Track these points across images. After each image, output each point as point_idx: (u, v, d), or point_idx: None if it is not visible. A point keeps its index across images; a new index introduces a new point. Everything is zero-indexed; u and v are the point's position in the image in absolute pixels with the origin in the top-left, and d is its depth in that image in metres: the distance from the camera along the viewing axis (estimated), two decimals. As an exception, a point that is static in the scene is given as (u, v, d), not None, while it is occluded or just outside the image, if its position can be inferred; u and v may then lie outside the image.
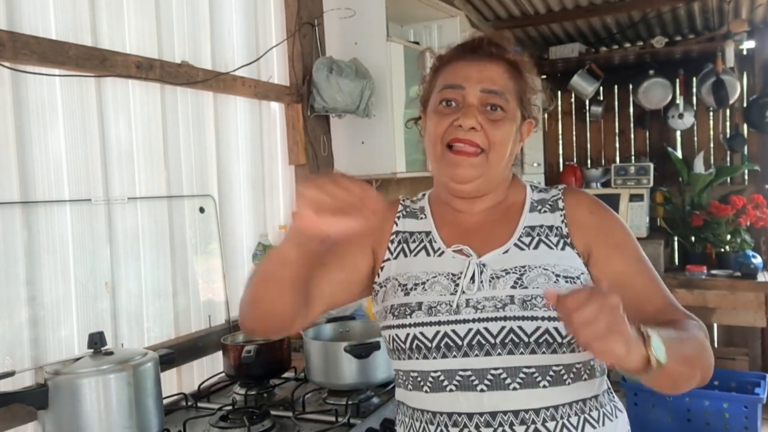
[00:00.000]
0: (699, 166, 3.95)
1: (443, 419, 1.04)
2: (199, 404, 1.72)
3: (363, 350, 1.63)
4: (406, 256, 1.14)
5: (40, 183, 1.60)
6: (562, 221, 1.11)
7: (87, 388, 1.33)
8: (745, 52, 4.00)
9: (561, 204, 1.13)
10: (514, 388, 1.01)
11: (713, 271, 3.65)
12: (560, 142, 4.69)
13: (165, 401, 1.58)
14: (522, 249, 1.09)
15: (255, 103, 2.34)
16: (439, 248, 1.12)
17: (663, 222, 4.07)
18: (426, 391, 1.06)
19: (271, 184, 2.42)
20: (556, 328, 1.00)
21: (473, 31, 1.17)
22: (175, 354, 1.61)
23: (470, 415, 1.02)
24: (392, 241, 1.16)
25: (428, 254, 1.12)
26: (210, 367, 2.03)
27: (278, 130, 2.46)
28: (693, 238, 3.96)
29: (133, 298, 1.83)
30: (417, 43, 3.02)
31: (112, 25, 1.78)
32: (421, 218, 1.18)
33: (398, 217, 1.18)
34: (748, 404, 3.08)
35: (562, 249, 1.09)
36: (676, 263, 4.09)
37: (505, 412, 1.01)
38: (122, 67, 1.73)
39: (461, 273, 1.07)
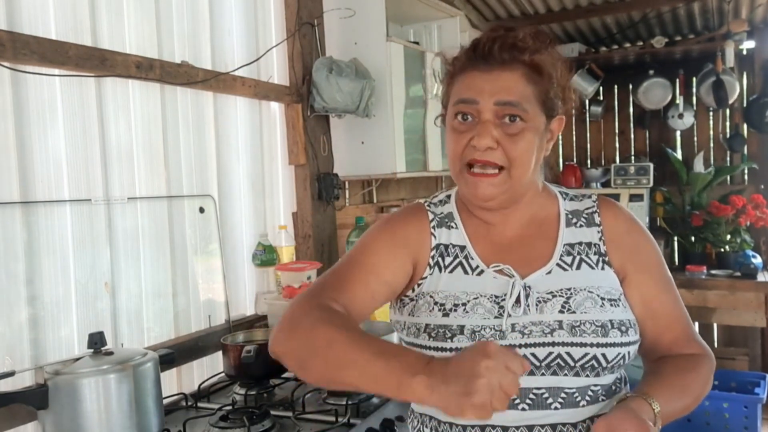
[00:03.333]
0: (699, 166, 3.95)
1: (475, 430, 1.01)
2: (199, 404, 1.71)
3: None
4: (441, 270, 1.08)
5: (40, 183, 1.60)
6: (600, 238, 1.09)
7: (87, 388, 1.33)
8: (745, 52, 4.00)
9: (597, 219, 1.11)
10: (555, 408, 1.00)
11: (713, 271, 3.64)
12: (560, 142, 4.68)
13: (165, 401, 1.58)
14: (565, 269, 1.06)
15: (255, 103, 2.34)
16: (477, 266, 1.07)
17: (663, 222, 4.07)
18: None
19: (271, 184, 2.42)
20: (603, 355, 0.99)
21: (489, 27, 1.06)
22: (175, 354, 1.61)
23: (505, 428, 0.99)
24: (433, 256, 1.09)
25: (466, 272, 1.06)
26: (210, 367, 2.03)
27: (278, 130, 2.46)
28: (693, 238, 3.96)
29: (133, 298, 1.83)
30: (417, 43, 3.03)
31: (112, 25, 1.78)
32: (453, 228, 1.11)
33: (433, 227, 1.11)
34: (748, 404, 3.08)
35: (602, 269, 1.07)
36: (676, 263, 4.09)
37: (542, 425, 1.00)
38: (122, 67, 1.73)
39: (504, 295, 1.02)
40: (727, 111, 4.11)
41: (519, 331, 1.00)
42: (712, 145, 4.25)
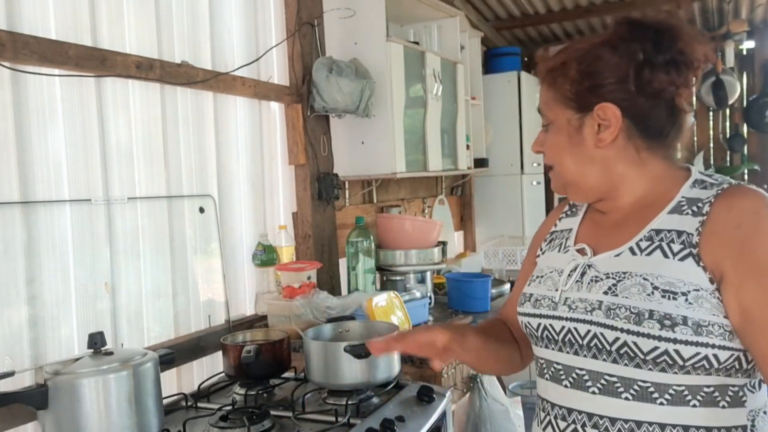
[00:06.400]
0: (699, 166, 3.96)
1: (540, 403, 1.15)
2: (199, 404, 1.71)
3: (363, 350, 1.62)
4: (548, 252, 1.22)
5: (40, 183, 1.60)
6: (697, 228, 0.98)
7: (87, 388, 1.33)
8: (744, 52, 4.00)
9: (707, 208, 0.99)
10: (593, 392, 1.02)
11: (713, 271, 3.64)
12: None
13: (165, 401, 1.58)
14: (635, 254, 1.02)
15: (255, 103, 2.34)
16: (568, 246, 1.16)
17: (663, 222, 4.07)
18: (539, 376, 1.17)
19: (271, 184, 2.42)
20: (635, 343, 0.95)
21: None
22: (175, 354, 1.61)
23: (552, 405, 1.09)
24: (545, 240, 1.24)
25: (560, 251, 1.18)
26: (210, 367, 2.03)
27: (278, 130, 2.46)
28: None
29: (133, 298, 1.83)
30: (417, 43, 3.03)
31: (111, 25, 1.78)
32: (576, 214, 1.22)
33: (560, 219, 1.25)
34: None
35: (682, 260, 0.97)
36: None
37: (580, 412, 1.03)
38: (122, 67, 1.73)
39: (573, 270, 1.10)
40: (727, 111, 4.12)
41: (568, 305, 1.07)
42: (712, 145, 4.25)
